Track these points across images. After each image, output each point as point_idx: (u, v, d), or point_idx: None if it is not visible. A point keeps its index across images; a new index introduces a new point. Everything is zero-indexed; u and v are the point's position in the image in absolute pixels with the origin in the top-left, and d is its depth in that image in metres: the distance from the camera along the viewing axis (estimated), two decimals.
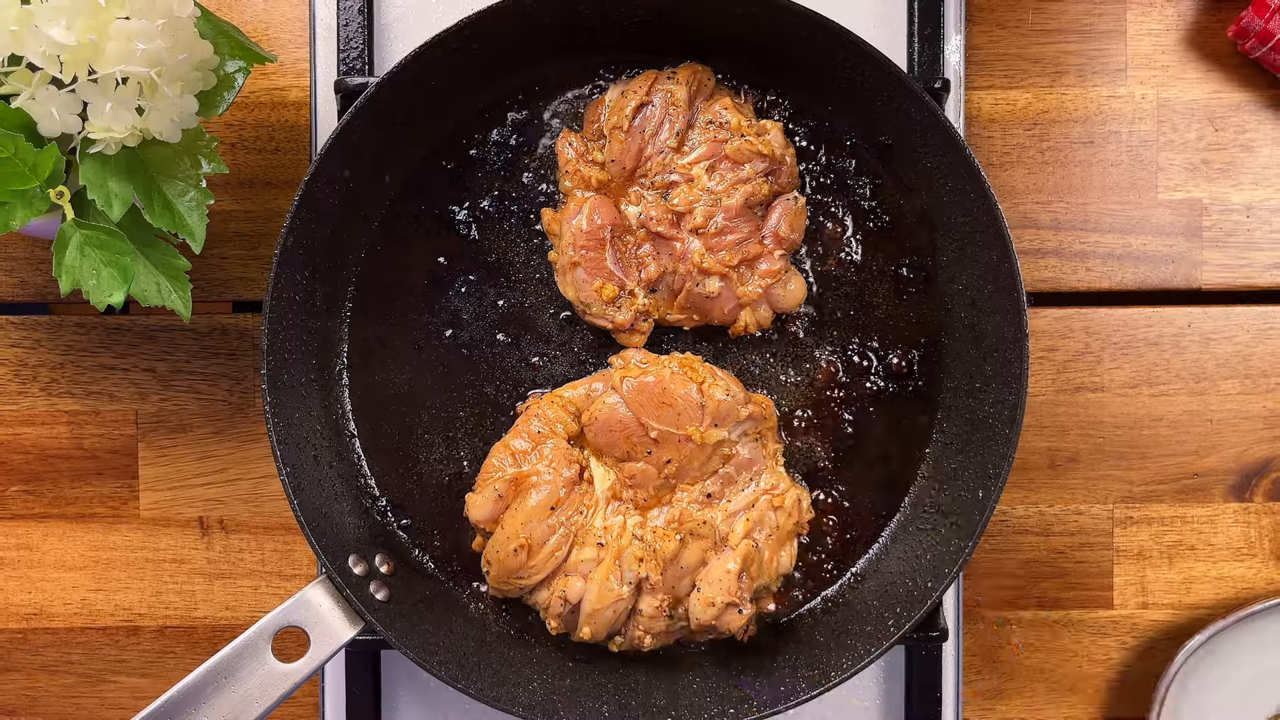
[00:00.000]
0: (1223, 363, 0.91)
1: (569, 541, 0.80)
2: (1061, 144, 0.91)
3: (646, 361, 0.81)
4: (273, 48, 0.91)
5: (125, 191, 0.73)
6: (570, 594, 0.79)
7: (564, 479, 0.80)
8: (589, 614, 0.79)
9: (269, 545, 0.91)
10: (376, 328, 0.85)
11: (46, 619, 0.91)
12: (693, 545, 0.80)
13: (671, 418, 0.79)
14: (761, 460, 0.82)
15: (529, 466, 0.80)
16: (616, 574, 0.79)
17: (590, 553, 0.79)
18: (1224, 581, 0.91)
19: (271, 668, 0.73)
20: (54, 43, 0.67)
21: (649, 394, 0.79)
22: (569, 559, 0.80)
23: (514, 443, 0.81)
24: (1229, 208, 0.92)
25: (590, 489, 0.81)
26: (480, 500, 0.81)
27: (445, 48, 0.78)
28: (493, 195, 0.85)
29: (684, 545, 0.79)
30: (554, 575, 0.80)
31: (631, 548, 0.79)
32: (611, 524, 0.80)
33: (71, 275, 0.73)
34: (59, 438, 0.90)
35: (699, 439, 0.79)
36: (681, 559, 0.80)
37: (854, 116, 0.84)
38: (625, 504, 0.81)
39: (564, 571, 0.80)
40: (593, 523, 0.80)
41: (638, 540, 0.79)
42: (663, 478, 0.80)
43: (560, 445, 0.81)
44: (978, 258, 0.81)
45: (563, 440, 0.81)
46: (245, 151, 0.90)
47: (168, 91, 0.71)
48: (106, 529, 0.91)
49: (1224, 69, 0.92)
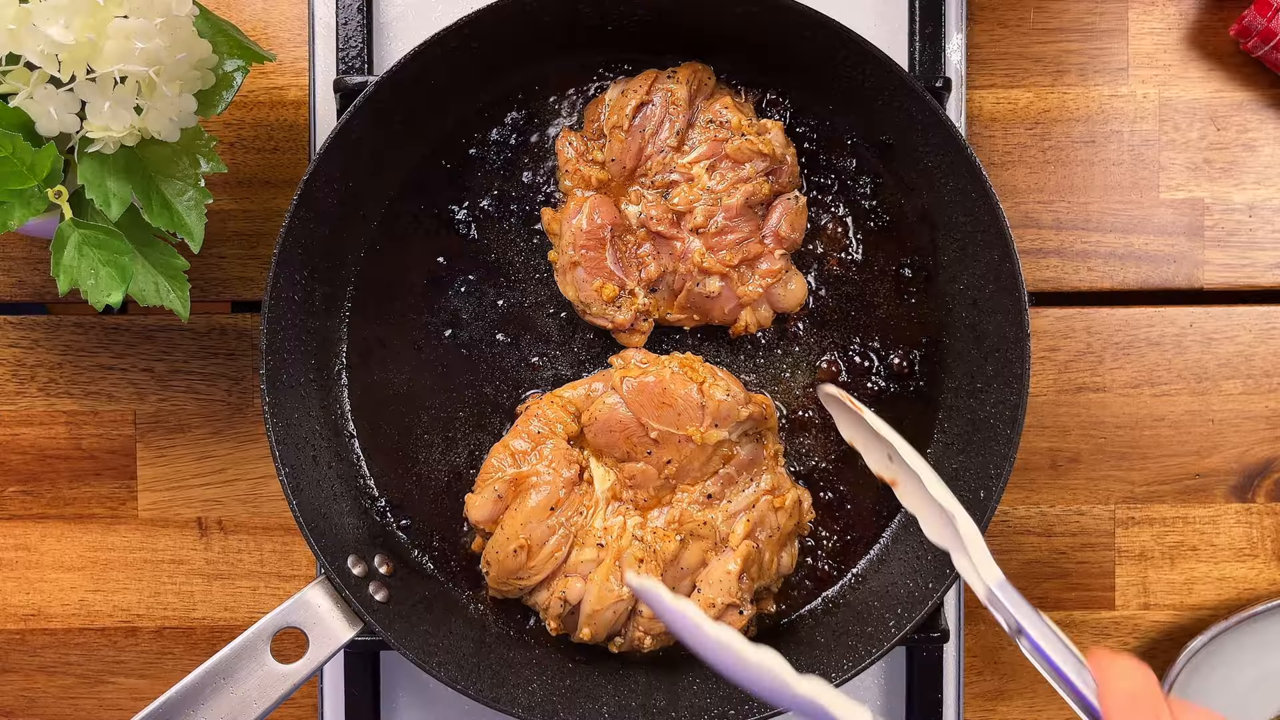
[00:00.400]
0: (1225, 363, 0.91)
1: (569, 542, 0.80)
2: (1063, 143, 0.91)
3: (646, 362, 0.81)
4: (271, 46, 0.91)
5: (123, 191, 0.73)
6: (570, 595, 0.79)
7: (564, 479, 0.80)
8: (589, 615, 0.79)
9: (268, 546, 0.91)
10: (376, 327, 0.85)
11: (44, 620, 0.91)
12: (693, 546, 0.80)
13: (671, 418, 0.79)
14: (762, 461, 0.82)
15: (528, 467, 0.81)
16: (616, 575, 0.79)
17: (590, 553, 0.79)
18: (1226, 582, 0.92)
19: (270, 669, 0.73)
20: (52, 41, 0.67)
21: (649, 394, 0.79)
22: (569, 560, 0.80)
23: (513, 443, 0.81)
24: (1231, 207, 0.92)
25: (590, 489, 0.81)
26: (480, 501, 0.81)
27: (445, 46, 0.78)
28: (492, 195, 0.85)
29: (684, 546, 0.80)
30: (553, 576, 0.81)
31: (631, 548, 0.79)
32: (611, 524, 0.80)
33: (69, 275, 0.73)
34: (57, 438, 0.91)
35: (699, 439, 0.79)
36: (682, 560, 0.80)
37: (855, 116, 0.84)
38: (625, 504, 0.81)
39: (564, 572, 0.80)
40: (592, 523, 0.80)
41: (638, 541, 0.79)
42: (663, 478, 0.80)
43: (560, 446, 0.81)
44: (979, 257, 0.81)
45: (562, 441, 0.81)
46: (244, 151, 0.91)
47: (166, 90, 0.71)
48: (105, 529, 0.91)
49: (1226, 68, 0.92)
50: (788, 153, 0.83)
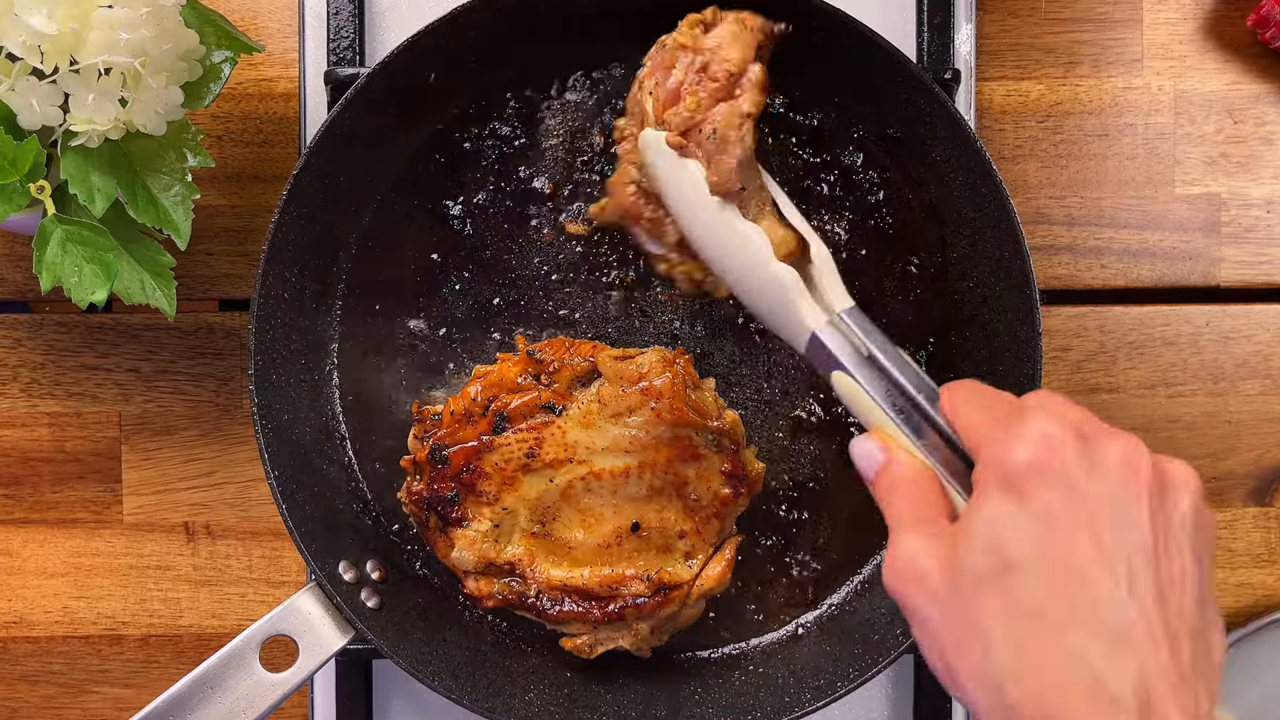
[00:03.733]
0: (1242, 363, 0.91)
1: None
2: (1075, 137, 0.91)
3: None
4: (260, 37, 0.91)
5: (108, 186, 0.73)
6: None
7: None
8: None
9: (256, 551, 0.91)
10: (368, 326, 0.85)
11: (26, 628, 0.91)
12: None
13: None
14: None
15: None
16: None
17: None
18: (1243, 589, 0.92)
19: (259, 678, 0.73)
20: (34, 32, 0.67)
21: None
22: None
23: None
24: (1249, 202, 0.92)
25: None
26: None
27: (439, 37, 0.78)
28: (488, 189, 0.85)
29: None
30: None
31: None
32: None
33: (52, 272, 0.73)
34: (39, 440, 0.91)
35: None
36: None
37: (860, 109, 0.84)
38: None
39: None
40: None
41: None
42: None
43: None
44: (989, 254, 0.81)
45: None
46: (232, 144, 0.91)
47: (152, 82, 0.71)
48: (89, 534, 0.91)
49: (1243, 59, 0.92)
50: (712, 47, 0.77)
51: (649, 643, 0.81)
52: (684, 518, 0.79)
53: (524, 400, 0.79)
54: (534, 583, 0.79)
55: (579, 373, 0.79)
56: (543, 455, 0.78)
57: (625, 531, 0.79)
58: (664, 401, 0.77)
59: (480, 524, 0.79)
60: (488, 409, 0.79)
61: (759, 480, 0.81)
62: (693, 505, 0.79)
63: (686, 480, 0.79)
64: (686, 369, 0.80)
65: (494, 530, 0.79)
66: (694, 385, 0.80)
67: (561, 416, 0.79)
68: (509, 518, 0.79)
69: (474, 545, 0.79)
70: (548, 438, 0.78)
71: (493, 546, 0.79)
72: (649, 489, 0.79)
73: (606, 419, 0.78)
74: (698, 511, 0.79)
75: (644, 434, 0.78)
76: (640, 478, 0.78)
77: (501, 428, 0.79)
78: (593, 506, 0.79)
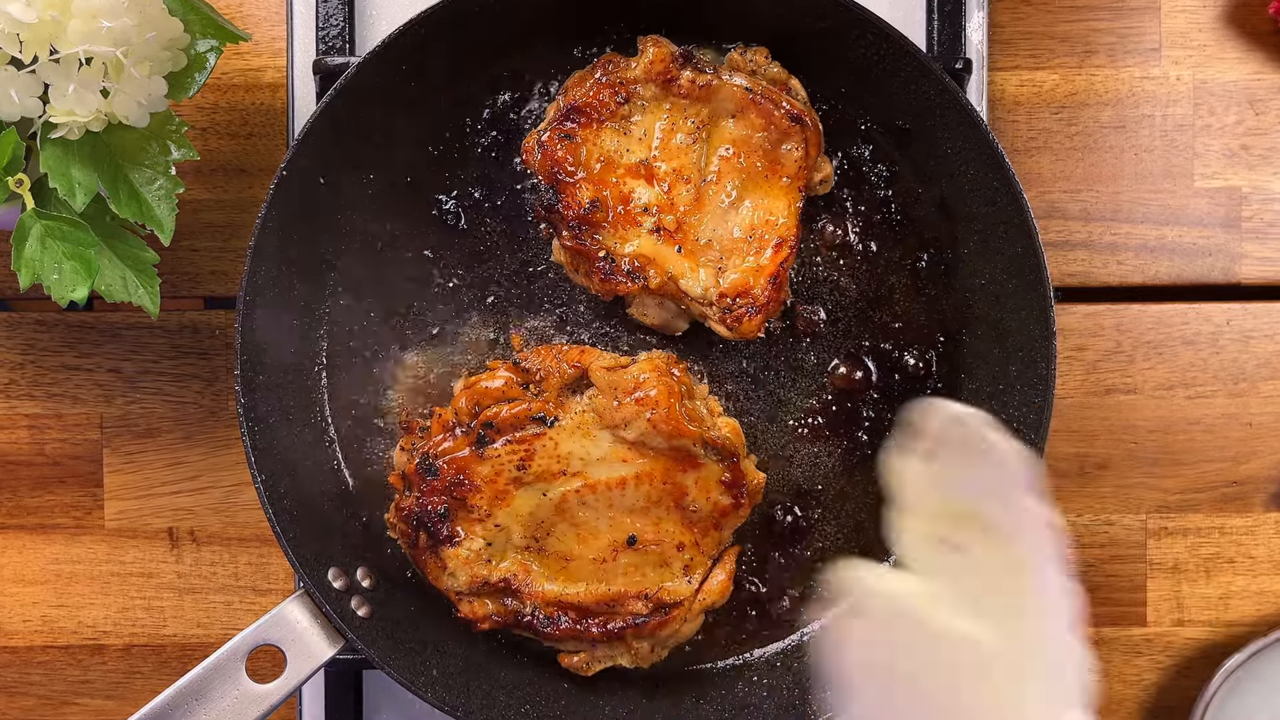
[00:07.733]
0: (1264, 363, 0.91)
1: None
2: (1091, 128, 0.92)
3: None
4: (247, 25, 0.91)
5: (89, 180, 0.73)
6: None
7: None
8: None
9: (243, 558, 0.91)
10: (358, 325, 0.85)
11: (5, 637, 0.91)
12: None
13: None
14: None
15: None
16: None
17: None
18: (1265, 597, 0.92)
19: (246, 689, 0.73)
20: (13, 20, 0.67)
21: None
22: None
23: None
24: (1270, 197, 0.92)
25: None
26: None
27: (431, 26, 0.78)
28: (481, 183, 0.85)
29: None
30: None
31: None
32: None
33: (31, 269, 0.73)
34: (18, 443, 0.91)
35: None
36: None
37: (869, 99, 0.84)
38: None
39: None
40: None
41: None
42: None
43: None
44: (1001, 250, 0.81)
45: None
46: (217, 137, 0.91)
47: (134, 72, 0.71)
48: (69, 541, 0.91)
49: (1265, 48, 0.92)
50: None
51: (648, 660, 0.81)
52: (683, 529, 0.80)
53: (513, 410, 0.79)
54: (528, 599, 0.80)
55: (567, 380, 0.80)
56: (534, 467, 0.79)
57: (621, 545, 0.79)
58: (659, 412, 0.77)
59: (472, 542, 0.79)
60: (476, 418, 0.79)
61: (759, 490, 0.82)
62: (691, 516, 0.79)
63: (685, 490, 0.79)
64: (683, 377, 0.81)
65: (486, 549, 0.79)
66: (689, 394, 0.81)
67: (553, 428, 0.79)
68: (501, 535, 0.79)
69: (467, 565, 0.79)
70: (539, 449, 0.79)
71: (485, 565, 0.79)
72: (646, 500, 0.79)
73: (601, 429, 0.79)
74: (697, 523, 0.80)
75: (640, 444, 0.78)
76: (637, 489, 0.79)
77: (491, 438, 0.79)
78: (588, 520, 0.79)
